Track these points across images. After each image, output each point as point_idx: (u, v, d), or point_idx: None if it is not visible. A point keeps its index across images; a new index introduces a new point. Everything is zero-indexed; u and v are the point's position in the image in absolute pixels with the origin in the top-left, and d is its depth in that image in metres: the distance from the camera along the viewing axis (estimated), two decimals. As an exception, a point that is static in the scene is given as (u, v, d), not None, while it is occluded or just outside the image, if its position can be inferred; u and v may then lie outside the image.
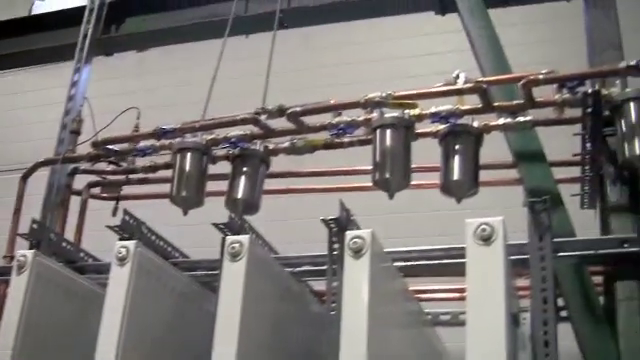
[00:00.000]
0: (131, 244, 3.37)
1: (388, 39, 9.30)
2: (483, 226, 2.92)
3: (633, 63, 3.78)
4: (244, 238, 3.24)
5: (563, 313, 4.02)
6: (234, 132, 4.54)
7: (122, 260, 3.31)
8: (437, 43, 8.71)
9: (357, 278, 2.95)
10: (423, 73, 8.53)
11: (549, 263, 3.36)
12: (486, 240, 2.91)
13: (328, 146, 4.51)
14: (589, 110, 3.83)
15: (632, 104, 3.77)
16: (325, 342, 3.36)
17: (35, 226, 4.27)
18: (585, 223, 4.14)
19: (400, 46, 9.39)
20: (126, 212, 3.97)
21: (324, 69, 9.51)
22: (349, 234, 3.02)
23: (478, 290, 2.86)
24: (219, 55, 5.12)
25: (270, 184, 5.18)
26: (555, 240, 3.66)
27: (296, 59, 9.34)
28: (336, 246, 3.51)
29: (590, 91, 3.82)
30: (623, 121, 3.78)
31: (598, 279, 4.21)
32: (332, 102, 4.38)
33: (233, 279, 3.16)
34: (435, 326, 4.82)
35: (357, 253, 2.97)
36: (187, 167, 4.46)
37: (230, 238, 3.25)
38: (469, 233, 2.94)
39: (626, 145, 3.75)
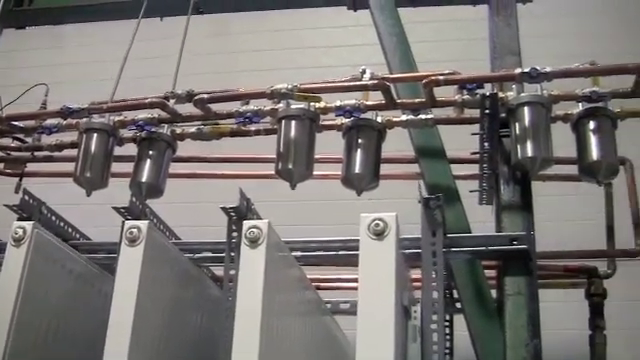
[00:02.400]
0: (28, 225, 3.33)
1: (305, 29, 9.36)
2: (377, 221, 3.00)
3: (527, 70, 3.94)
4: (143, 223, 3.24)
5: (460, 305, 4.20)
6: (142, 115, 4.54)
7: (18, 241, 3.28)
8: (352, 35, 8.81)
9: (252, 267, 2.98)
10: (336, 64, 8.68)
11: (440, 258, 3.47)
12: (379, 235, 2.99)
13: (235, 134, 4.54)
14: (486, 111, 3.96)
15: (526, 108, 3.95)
16: (222, 328, 3.40)
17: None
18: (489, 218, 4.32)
19: (316, 36, 9.47)
20: (25, 191, 3.91)
21: (240, 55, 9.53)
22: (246, 224, 3.06)
23: (369, 283, 2.95)
24: (132, 36, 5.11)
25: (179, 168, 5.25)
26: (449, 235, 3.80)
27: (212, 44, 9.35)
28: (235, 234, 3.56)
29: (488, 94, 3.96)
30: (517, 124, 3.96)
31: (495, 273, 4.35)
32: (239, 91, 4.43)
33: (130, 264, 3.16)
34: (336, 314, 4.88)
35: (253, 243, 3.01)
36: (92, 148, 4.46)
37: (129, 223, 3.26)
38: (363, 227, 3.02)
39: (519, 147, 3.92)
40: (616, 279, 5.49)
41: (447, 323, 5.16)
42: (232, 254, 3.57)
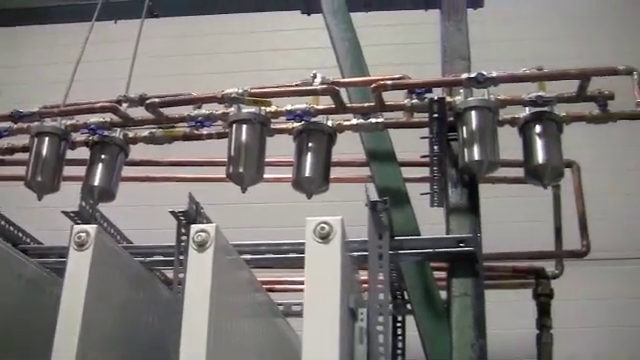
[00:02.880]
0: (-23, 230, 3.35)
1: (264, 31, 9.43)
2: (322, 225, 3.04)
3: (473, 75, 4.01)
4: (91, 227, 3.24)
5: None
6: (94, 119, 4.53)
7: (-33, 246, 3.29)
8: (311, 38, 8.83)
9: (200, 271, 3.00)
10: (295, 67, 8.72)
11: (386, 261, 3.52)
12: (324, 238, 3.03)
13: (187, 137, 4.56)
14: (435, 115, 4.02)
15: (473, 112, 4.02)
16: (172, 330, 3.42)
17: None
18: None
19: (275, 39, 9.52)
20: (-24, 196, 3.93)
21: (198, 57, 9.55)
22: (194, 227, 3.07)
23: (315, 286, 2.99)
24: (85, 39, 5.12)
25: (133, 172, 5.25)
26: (397, 238, 3.86)
27: (170, 46, 9.37)
28: (184, 238, 3.59)
29: (436, 98, 4.03)
30: (464, 128, 4.03)
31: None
32: (191, 95, 4.46)
33: (78, 268, 3.17)
34: (289, 317, 4.91)
35: (201, 246, 3.03)
36: (44, 152, 4.45)
37: (77, 227, 3.25)
38: (308, 231, 3.06)
39: (466, 150, 3.99)
40: (564, 279, 5.58)
41: (399, 324, 5.26)
42: (182, 257, 3.58)
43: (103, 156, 4.49)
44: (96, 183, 4.41)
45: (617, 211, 7.89)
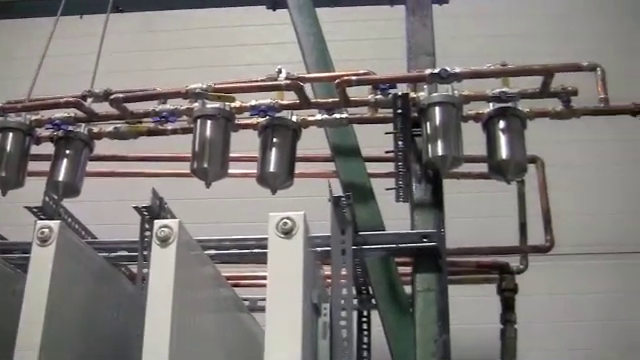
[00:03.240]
0: (-62, 226, 3.32)
1: (229, 27, 9.40)
2: (285, 220, 3.05)
3: (437, 71, 4.03)
4: (54, 223, 3.23)
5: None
6: (59, 114, 4.51)
7: None
8: (278, 33, 8.81)
9: (163, 266, 3.00)
10: (261, 62, 8.72)
11: (349, 256, 3.53)
12: (287, 233, 3.04)
13: (152, 133, 4.53)
14: (399, 111, 4.03)
15: (436, 108, 4.04)
16: (136, 325, 3.41)
17: None
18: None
19: (239, 34, 9.51)
20: (-61, 192, 3.89)
21: (165, 53, 9.50)
22: (157, 223, 3.07)
23: (277, 281, 3.00)
24: (50, 34, 5.08)
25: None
26: (361, 233, 3.88)
27: (137, 41, 9.32)
28: (148, 233, 3.58)
29: (399, 94, 4.03)
30: (428, 123, 4.05)
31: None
32: (155, 90, 4.44)
33: (41, 264, 3.16)
34: (254, 312, 4.91)
35: (164, 242, 3.03)
36: (8, 147, 4.42)
37: (40, 223, 3.24)
38: (271, 226, 3.07)
39: (430, 146, 4.01)
40: (528, 274, 5.62)
41: (365, 319, 5.28)
42: (146, 253, 3.58)
43: (68, 151, 4.48)
44: (60, 178, 4.39)
45: (581, 206, 7.96)
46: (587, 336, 7.58)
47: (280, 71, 4.34)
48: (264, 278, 5.15)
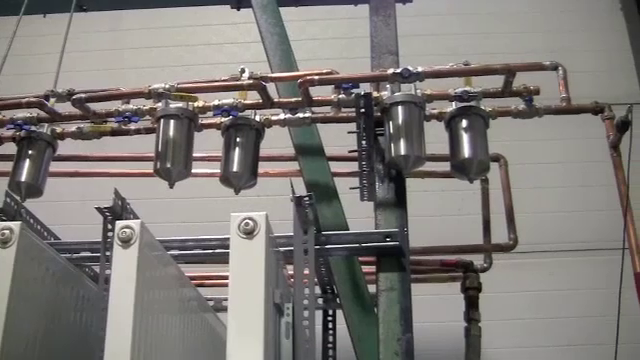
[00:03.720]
0: None
1: (198, 25, 9.38)
2: (246, 220, 3.07)
3: (399, 70, 4.05)
4: (15, 224, 3.21)
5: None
6: (21, 114, 4.49)
7: None
8: (244, 33, 8.82)
9: (125, 267, 3.01)
10: (227, 61, 8.72)
11: (312, 256, 3.53)
12: (249, 234, 3.06)
13: (115, 133, 4.51)
14: (362, 110, 4.04)
15: (399, 107, 4.06)
16: (98, 326, 3.40)
17: None
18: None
19: (208, 33, 9.47)
20: None
21: (131, 52, 9.45)
22: (118, 224, 3.08)
23: (239, 281, 3.03)
24: (12, 33, 5.05)
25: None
26: (324, 233, 3.89)
27: (101, 40, 9.27)
28: (110, 234, 3.55)
29: (362, 93, 4.04)
30: (391, 123, 4.06)
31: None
32: (118, 90, 4.43)
33: (2, 266, 3.12)
34: (219, 312, 4.91)
35: (125, 242, 3.04)
36: (-31, 147, 4.39)
37: (1, 224, 3.21)
38: (233, 227, 3.08)
39: (392, 145, 4.02)
40: (493, 272, 5.65)
41: (330, 318, 5.29)
42: (109, 253, 3.55)
43: (30, 152, 4.46)
44: (23, 179, 4.37)
45: (544, 205, 8.03)
46: (551, 333, 7.64)
47: (243, 71, 4.34)
48: (229, 278, 5.19)
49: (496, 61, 4.23)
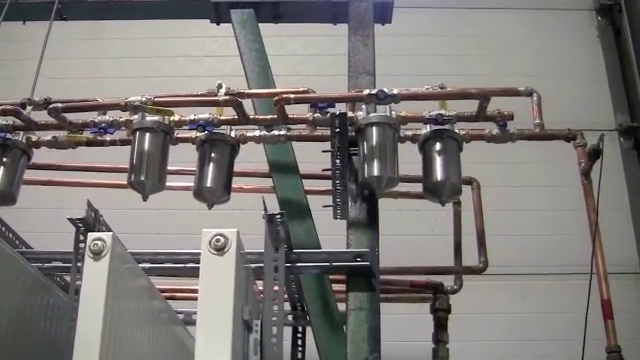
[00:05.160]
0: None
1: (178, 37, 9.41)
2: (218, 237, 3.09)
3: (374, 92, 4.08)
4: (-16, 234, 3.23)
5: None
6: (-3, 122, 4.48)
7: None
8: (224, 46, 8.83)
9: (95, 279, 3.01)
10: (206, 74, 8.74)
11: (282, 273, 3.55)
12: (220, 250, 3.08)
13: (90, 143, 4.50)
14: (337, 130, 4.06)
15: (373, 128, 4.08)
16: (67, 337, 3.40)
17: None
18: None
19: (188, 45, 9.50)
20: None
21: (109, 61, 9.45)
22: (90, 236, 3.08)
23: (208, 297, 3.05)
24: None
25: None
26: (295, 251, 3.91)
27: (80, 49, 9.26)
28: (82, 245, 3.56)
29: (337, 113, 4.06)
30: (365, 143, 4.09)
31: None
32: (95, 101, 4.44)
33: (-31, 275, 3.14)
34: (189, 325, 4.90)
35: (97, 255, 3.04)
36: (-57, 154, 4.36)
37: (-31, 233, 3.24)
38: (204, 242, 3.10)
39: (366, 166, 4.05)
40: (463, 293, 5.67)
41: (299, 335, 5.30)
42: (80, 264, 3.55)
43: (5, 159, 4.43)
44: (-4, 187, 4.34)
45: (515, 228, 8.10)
46: (521, 355, 7.69)
47: (220, 86, 4.37)
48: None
49: (473, 82, 4.28)
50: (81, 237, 3.62)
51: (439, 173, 4.10)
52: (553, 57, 9.11)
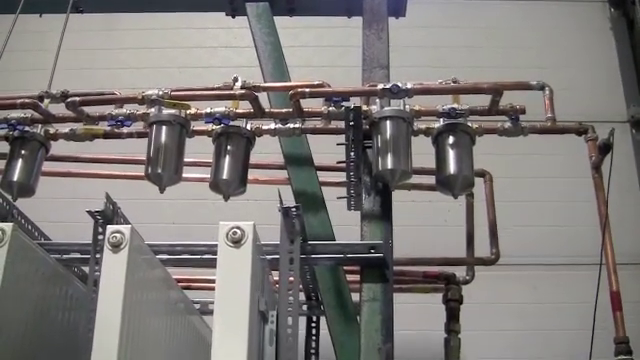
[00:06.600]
0: None
1: (193, 28, 9.43)
2: (235, 229, 3.16)
3: (388, 86, 4.12)
4: (7, 225, 3.27)
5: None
6: (15, 113, 4.52)
7: None
8: (239, 37, 8.86)
9: (114, 272, 3.08)
10: (221, 65, 8.78)
11: (297, 265, 3.61)
12: (236, 242, 3.15)
13: (108, 136, 4.55)
14: (351, 123, 4.11)
15: (387, 122, 4.13)
16: (86, 328, 3.46)
17: None
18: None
19: (203, 37, 9.53)
20: None
21: (126, 52, 9.50)
22: (109, 228, 3.15)
23: (225, 289, 3.12)
24: (8, 32, 5.10)
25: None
26: (310, 243, 3.96)
27: (97, 40, 9.31)
28: (101, 237, 3.62)
29: (352, 107, 4.11)
30: (379, 137, 4.13)
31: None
32: (112, 95, 4.49)
33: (-7, 266, 3.20)
34: (205, 314, 4.97)
35: (116, 247, 3.11)
36: (-38, 146, 4.43)
37: (-10, 224, 3.29)
38: (221, 235, 3.17)
39: (380, 159, 4.09)
40: (475, 284, 5.72)
41: (314, 324, 5.36)
42: (99, 256, 3.61)
43: (23, 152, 4.49)
44: (15, 178, 4.40)
45: (527, 219, 8.14)
46: (533, 345, 7.73)
47: (236, 79, 4.40)
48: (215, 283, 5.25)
49: (484, 75, 4.30)
50: (99, 229, 3.69)
51: (452, 166, 4.14)
52: (565, 49, 9.12)
